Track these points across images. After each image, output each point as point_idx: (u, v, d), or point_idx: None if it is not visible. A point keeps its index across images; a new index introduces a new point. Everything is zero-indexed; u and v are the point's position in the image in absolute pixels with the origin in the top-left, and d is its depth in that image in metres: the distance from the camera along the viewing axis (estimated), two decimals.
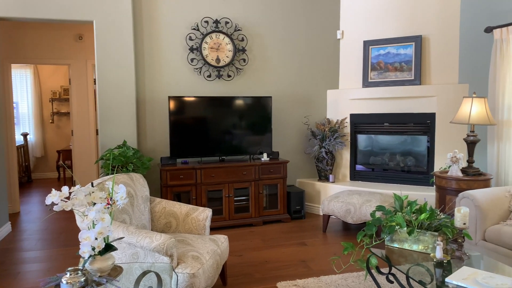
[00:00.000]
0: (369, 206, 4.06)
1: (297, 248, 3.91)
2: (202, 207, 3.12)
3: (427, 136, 4.78)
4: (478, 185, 3.65)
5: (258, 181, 4.67)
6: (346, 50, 5.34)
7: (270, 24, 5.12)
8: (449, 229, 2.40)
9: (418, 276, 2.21)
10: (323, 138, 5.12)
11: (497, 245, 3.02)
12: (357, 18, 5.20)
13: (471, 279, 2.06)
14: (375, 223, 2.57)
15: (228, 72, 4.96)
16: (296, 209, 4.90)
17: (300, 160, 5.42)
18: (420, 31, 4.80)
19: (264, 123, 4.85)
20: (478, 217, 3.14)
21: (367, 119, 5.10)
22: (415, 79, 4.79)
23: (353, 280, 3.11)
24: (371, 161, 5.23)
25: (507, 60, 3.94)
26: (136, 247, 2.40)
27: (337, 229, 4.53)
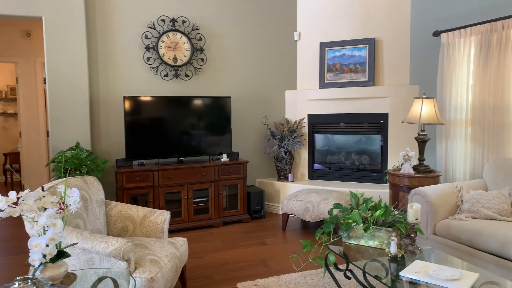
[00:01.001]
0: (327, 204, 4.14)
1: (257, 248, 3.92)
2: (160, 210, 3.05)
3: (381, 135, 4.96)
4: (428, 182, 3.82)
5: (218, 181, 4.64)
6: (303, 51, 5.43)
7: (228, 24, 5.11)
8: (402, 225, 2.49)
9: (374, 271, 2.28)
10: (282, 138, 5.18)
11: (446, 238, 3.17)
12: (314, 20, 5.30)
13: (423, 272, 2.15)
14: (332, 220, 2.62)
15: (186, 72, 4.89)
16: (256, 209, 4.92)
17: (259, 160, 5.45)
18: (373, 34, 4.97)
19: (224, 124, 4.83)
20: (429, 213, 3.29)
21: (324, 119, 5.21)
22: (369, 81, 4.95)
23: (312, 277, 3.16)
24: (328, 160, 5.35)
25: (454, 63, 4.16)
26: (91, 252, 2.31)
27: (296, 227, 4.59)
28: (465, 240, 2.99)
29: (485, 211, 3.15)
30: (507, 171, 3.40)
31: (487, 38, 3.80)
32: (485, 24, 3.81)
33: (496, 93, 3.75)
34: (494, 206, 3.17)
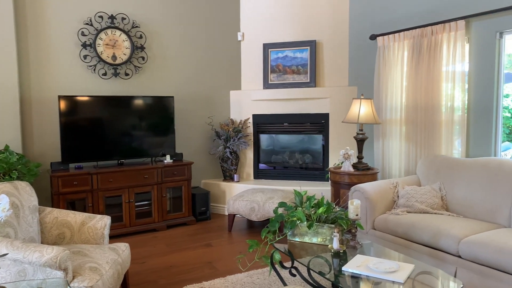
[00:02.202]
0: (272, 203, 4.19)
1: (203, 250, 3.87)
2: (99, 215, 2.91)
3: (322, 134, 5.11)
4: (367, 179, 3.99)
5: (161, 184, 4.53)
6: (247, 52, 5.46)
7: (170, 22, 5.00)
8: (344, 221, 2.58)
9: (318, 267, 2.33)
10: (227, 138, 5.16)
11: (384, 232, 3.33)
12: (257, 21, 5.34)
13: (364, 266, 2.24)
14: (277, 219, 2.65)
15: (126, 70, 4.72)
16: (201, 210, 4.86)
17: (204, 161, 5.39)
18: (314, 36, 5.11)
19: (166, 124, 4.72)
20: (368, 208, 3.44)
21: (269, 119, 5.27)
22: (310, 82, 5.08)
23: (258, 276, 3.17)
24: (273, 159, 5.42)
25: (389, 65, 4.38)
26: (24, 263, 2.15)
27: (243, 227, 4.60)
28: (401, 233, 3.16)
29: (418, 205, 3.35)
30: (438, 167, 3.64)
31: (418, 42, 4.05)
32: (417, 29, 4.05)
33: (427, 94, 4.01)
34: (427, 200, 3.38)
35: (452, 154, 3.84)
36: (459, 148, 3.82)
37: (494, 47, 3.55)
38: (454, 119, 3.81)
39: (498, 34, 3.53)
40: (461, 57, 3.71)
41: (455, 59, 3.75)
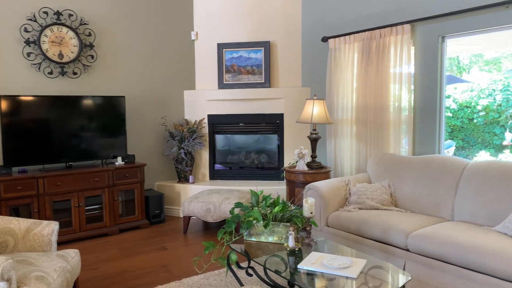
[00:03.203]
0: (228, 203, 4.18)
1: (157, 254, 3.79)
2: (46, 221, 2.76)
3: (277, 134, 5.17)
4: (320, 177, 4.08)
5: (113, 187, 4.38)
6: (201, 51, 5.40)
7: (121, 20, 4.84)
8: (299, 219, 2.62)
9: (274, 266, 2.35)
10: (182, 139, 5.08)
11: (337, 229, 3.42)
12: (211, 20, 5.30)
13: (318, 263, 2.28)
14: (234, 219, 2.64)
15: (73, 69, 4.52)
16: (155, 213, 4.75)
17: (158, 162, 5.27)
18: (268, 37, 5.15)
19: (117, 125, 4.57)
20: (322, 206, 3.52)
21: (224, 119, 5.25)
22: (265, 82, 5.12)
23: (215, 278, 3.15)
24: (229, 160, 5.40)
25: (340, 67, 4.51)
26: None
27: (198, 229, 4.55)
28: (354, 229, 3.26)
29: (369, 202, 3.47)
30: (386, 165, 3.79)
31: (367, 44, 4.20)
32: (366, 32, 4.20)
33: (376, 95, 4.16)
34: (377, 197, 3.51)
35: (400, 152, 4.02)
36: (406, 147, 4.00)
37: (437, 51, 3.76)
38: (401, 118, 3.98)
39: (440, 38, 3.73)
40: (407, 59, 3.88)
41: (402, 61, 3.92)
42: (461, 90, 8.84)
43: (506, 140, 8.14)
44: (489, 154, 8.17)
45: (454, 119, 8.71)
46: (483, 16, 3.39)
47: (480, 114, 8.53)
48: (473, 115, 8.63)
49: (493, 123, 8.47)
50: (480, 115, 8.54)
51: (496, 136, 8.42)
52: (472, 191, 3.09)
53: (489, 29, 3.40)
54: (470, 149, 8.69)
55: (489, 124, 8.51)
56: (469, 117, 8.68)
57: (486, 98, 8.54)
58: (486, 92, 8.60)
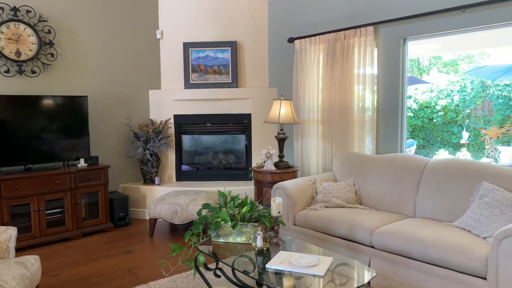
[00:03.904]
0: (196, 205, 4.14)
1: (122, 257, 3.69)
2: (3, 226, 2.63)
3: (245, 135, 5.17)
4: (288, 177, 4.12)
5: (75, 190, 4.23)
6: (166, 50, 5.32)
7: (83, 18, 4.69)
8: (267, 219, 2.63)
9: (242, 266, 2.35)
10: (147, 139, 4.99)
11: (305, 228, 3.46)
12: (176, 19, 5.23)
13: (286, 262, 2.30)
14: (201, 221, 2.62)
15: (32, 68, 4.33)
16: (120, 216, 4.63)
17: (123, 164, 5.14)
18: (235, 37, 5.14)
19: (80, 126, 4.42)
20: (289, 205, 3.55)
21: (191, 119, 5.19)
22: (232, 82, 5.10)
23: (182, 280, 3.11)
24: (196, 160, 5.35)
25: (306, 68, 4.56)
26: None
27: (165, 231, 4.47)
28: (320, 227, 3.31)
29: (335, 200, 3.54)
30: (351, 164, 3.87)
31: (332, 46, 4.27)
32: (331, 33, 4.27)
33: (340, 95, 4.24)
34: (343, 195, 3.58)
35: (364, 151, 4.12)
36: (370, 146, 4.10)
37: (399, 52, 3.87)
38: (365, 118, 4.08)
39: (402, 41, 3.85)
40: (371, 60, 3.98)
41: (365, 62, 4.02)
42: (421, 91, 9.18)
43: (463, 139, 8.52)
44: (448, 153, 8.53)
45: (415, 118, 9.02)
46: (441, 19, 3.53)
47: (439, 114, 8.89)
48: (432, 115, 8.98)
49: (451, 122, 8.85)
50: (439, 115, 8.89)
51: (454, 135, 8.80)
52: (433, 189, 3.21)
53: (447, 32, 3.54)
54: (430, 147, 9.04)
55: (448, 123, 8.88)
56: (429, 117, 9.02)
57: (445, 99, 8.91)
58: (444, 93, 8.97)
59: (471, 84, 8.66)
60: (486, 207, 2.72)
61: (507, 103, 8.19)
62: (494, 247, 2.34)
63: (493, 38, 4.53)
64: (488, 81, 8.11)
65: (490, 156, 7.66)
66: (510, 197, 2.70)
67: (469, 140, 8.47)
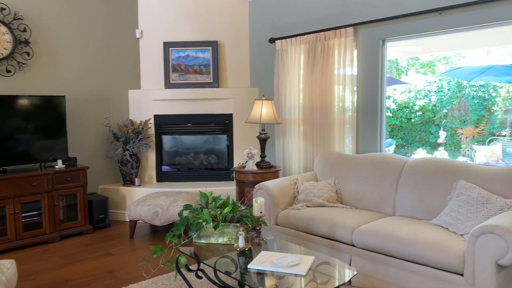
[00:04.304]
0: (177, 206, 4.10)
1: (102, 260, 3.63)
2: None
3: (227, 135, 5.15)
4: (270, 177, 4.13)
5: (53, 191, 4.14)
6: (146, 50, 5.25)
7: (60, 16, 4.59)
8: (249, 219, 2.62)
9: (224, 267, 2.34)
10: (127, 140, 4.92)
11: (286, 227, 3.48)
12: (156, 19, 5.17)
13: (268, 262, 2.30)
14: (182, 222, 2.60)
15: (7, 67, 4.21)
16: (99, 218, 4.55)
17: (102, 165, 5.06)
18: (215, 36, 5.12)
19: (57, 126, 4.33)
20: (271, 205, 3.56)
21: (171, 120, 5.15)
22: (213, 82, 5.08)
23: (164, 282, 3.08)
24: (176, 161, 5.31)
25: (287, 68, 4.58)
26: None
27: (146, 233, 4.42)
28: (302, 227, 3.33)
29: (316, 200, 3.56)
30: (332, 163, 3.90)
31: (313, 46, 4.30)
32: (311, 34, 4.30)
33: (321, 96, 4.27)
34: (324, 195, 3.61)
35: (344, 151, 4.16)
36: (350, 145, 4.15)
37: (378, 53, 3.93)
38: (345, 118, 4.13)
39: (381, 42, 3.91)
40: (350, 61, 4.03)
41: (345, 63, 4.06)
42: (400, 91, 9.34)
43: (440, 138, 8.72)
44: (426, 152, 8.70)
45: (394, 118, 9.18)
46: (419, 21, 3.60)
47: (417, 114, 9.07)
48: (411, 115, 9.15)
49: (429, 122, 9.04)
50: (417, 115, 9.07)
51: (431, 134, 8.98)
52: (411, 187, 3.27)
53: (425, 34, 3.61)
54: (409, 147, 9.21)
55: (425, 123, 9.07)
56: (407, 117, 9.19)
57: (423, 99, 9.09)
58: (422, 93, 9.15)
59: (447, 84, 8.86)
60: (463, 205, 2.79)
61: (482, 104, 8.42)
62: (471, 243, 2.39)
63: (469, 40, 4.65)
64: (464, 82, 8.32)
65: (466, 155, 7.86)
66: (486, 194, 2.77)
67: (446, 139, 8.67)
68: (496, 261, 2.30)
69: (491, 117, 8.35)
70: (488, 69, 6.74)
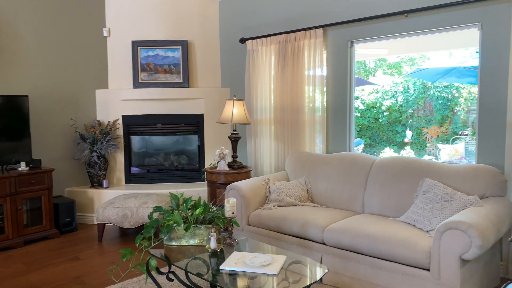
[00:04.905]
0: (146, 208, 4.03)
1: (69, 265, 3.52)
2: None
3: (198, 135, 5.11)
4: (241, 177, 4.12)
5: (16, 195, 3.98)
6: (114, 48, 5.13)
7: (22, 12, 4.41)
8: (220, 220, 2.61)
9: (195, 269, 2.32)
10: (94, 141, 4.79)
11: (258, 227, 3.48)
12: (124, 17, 5.06)
13: (240, 262, 2.30)
14: (153, 224, 2.55)
15: None
16: (66, 222, 4.41)
17: (68, 167, 4.90)
18: (185, 36, 5.07)
19: (20, 127, 4.16)
20: (243, 205, 3.55)
21: (140, 120, 5.05)
22: (183, 82, 5.03)
23: (134, 286, 3.02)
24: (146, 162, 5.21)
25: (258, 68, 4.59)
26: None
27: (114, 236, 4.32)
28: (274, 226, 3.34)
29: (288, 199, 3.59)
30: (303, 163, 3.94)
31: (283, 47, 4.33)
32: (282, 35, 4.33)
33: (292, 96, 4.31)
34: (295, 194, 3.64)
35: (315, 150, 4.21)
36: (320, 145, 4.20)
37: (347, 54, 4.00)
38: (316, 118, 4.17)
39: (349, 43, 3.98)
40: (320, 62, 4.08)
41: (315, 64, 4.11)
42: (367, 92, 9.56)
43: (407, 138, 8.98)
44: (393, 151, 8.94)
45: (362, 118, 9.38)
46: (386, 23, 3.69)
47: (384, 114, 9.30)
48: (378, 115, 9.38)
49: (396, 122, 9.29)
50: (385, 115, 9.30)
51: (398, 134, 9.24)
52: (379, 186, 3.34)
53: (391, 36, 3.71)
54: (377, 146, 9.43)
55: (392, 123, 9.31)
56: (375, 117, 9.41)
57: (390, 99, 9.33)
58: (389, 94, 9.40)
59: (413, 85, 9.14)
60: (429, 202, 2.88)
61: (446, 104, 8.74)
62: (436, 239, 2.47)
63: (433, 42, 4.81)
64: (429, 82, 8.61)
65: (431, 154, 8.13)
66: (450, 192, 2.87)
67: (412, 138, 8.94)
68: (460, 256, 2.38)
69: (454, 117, 8.68)
70: (451, 71, 7.00)
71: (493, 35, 3.13)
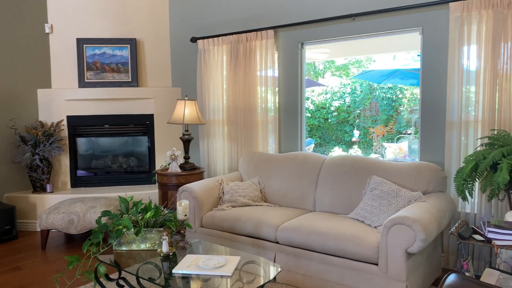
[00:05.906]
0: (94, 212, 3.87)
1: (10, 275, 3.30)
2: None
3: (148, 136, 4.98)
4: (194, 178, 4.07)
5: None
6: (57, 46, 4.88)
7: None
8: (172, 223, 2.56)
9: (147, 274, 2.25)
10: (36, 143, 4.52)
11: (212, 229, 3.45)
12: (68, 13, 4.83)
13: (193, 265, 2.26)
14: (101, 229, 2.45)
15: None
16: (5, 229, 4.13)
17: (7, 171, 4.59)
18: (134, 34, 4.92)
19: None
20: (196, 207, 3.51)
21: (87, 121, 4.84)
22: (132, 81, 4.88)
23: None
24: (93, 165, 5.00)
25: (210, 68, 4.55)
26: None
27: (60, 243, 4.11)
28: (227, 227, 3.33)
29: (242, 199, 3.59)
30: (256, 163, 3.96)
31: (235, 47, 4.32)
32: (234, 35, 4.32)
33: (244, 96, 4.32)
34: (249, 194, 3.65)
35: (268, 150, 4.25)
36: (273, 145, 4.24)
37: (297, 56, 4.07)
38: (268, 119, 4.21)
39: (299, 45, 4.05)
40: (272, 63, 4.12)
41: (267, 65, 4.14)
42: (317, 93, 9.80)
43: (354, 137, 9.31)
44: (342, 150, 9.23)
45: (312, 119, 9.60)
46: (334, 26, 3.79)
47: (333, 114, 9.58)
48: (327, 115, 9.65)
49: (344, 122, 9.60)
50: (334, 115, 9.59)
51: (346, 133, 9.55)
52: (330, 184, 3.43)
53: (339, 38, 3.82)
54: (326, 145, 9.70)
55: (341, 123, 9.62)
56: (324, 117, 9.68)
57: (338, 100, 9.63)
58: (338, 95, 9.70)
59: (360, 87, 9.49)
60: (376, 198, 3.00)
61: (390, 104, 9.16)
62: (384, 235, 2.58)
63: (378, 45, 5.02)
64: (375, 84, 8.98)
65: (377, 152, 8.48)
66: (396, 188, 3.00)
67: (360, 138, 9.28)
68: (405, 249, 2.50)
69: (399, 117, 9.12)
70: (395, 73, 7.34)
71: (433, 39, 3.32)
